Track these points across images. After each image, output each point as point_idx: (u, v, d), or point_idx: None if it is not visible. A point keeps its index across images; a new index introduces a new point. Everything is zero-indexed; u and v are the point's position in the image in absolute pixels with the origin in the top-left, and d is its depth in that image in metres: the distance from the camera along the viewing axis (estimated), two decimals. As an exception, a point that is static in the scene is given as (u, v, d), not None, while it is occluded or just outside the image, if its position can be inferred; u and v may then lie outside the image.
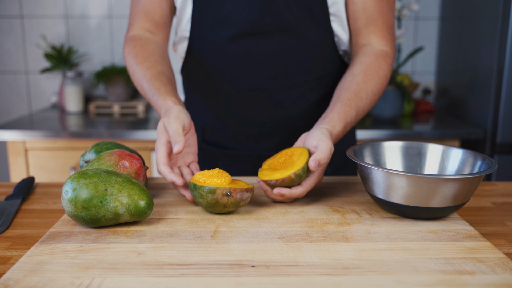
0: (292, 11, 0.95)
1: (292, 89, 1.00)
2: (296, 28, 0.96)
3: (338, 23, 0.98)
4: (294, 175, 0.74)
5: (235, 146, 1.06)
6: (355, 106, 0.89)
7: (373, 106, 0.95)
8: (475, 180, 0.69)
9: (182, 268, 0.57)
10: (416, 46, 2.32)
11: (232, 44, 0.97)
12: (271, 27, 0.95)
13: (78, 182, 0.66)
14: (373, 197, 0.74)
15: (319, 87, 1.03)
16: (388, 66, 0.96)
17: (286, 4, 0.94)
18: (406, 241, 0.65)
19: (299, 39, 0.96)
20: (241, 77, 0.99)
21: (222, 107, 1.03)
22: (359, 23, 0.97)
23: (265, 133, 1.04)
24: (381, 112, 1.99)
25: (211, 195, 0.71)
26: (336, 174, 1.10)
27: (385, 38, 0.98)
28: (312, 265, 0.57)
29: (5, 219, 0.75)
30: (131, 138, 1.78)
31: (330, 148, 0.78)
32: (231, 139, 1.06)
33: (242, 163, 1.06)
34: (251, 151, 1.05)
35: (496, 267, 0.57)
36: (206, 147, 1.09)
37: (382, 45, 0.97)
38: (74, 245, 0.63)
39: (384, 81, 0.95)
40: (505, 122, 1.74)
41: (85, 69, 2.34)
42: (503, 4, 1.69)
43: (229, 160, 1.07)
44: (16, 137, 1.76)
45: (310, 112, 1.03)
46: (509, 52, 1.68)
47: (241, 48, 0.97)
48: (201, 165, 1.09)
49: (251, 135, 1.04)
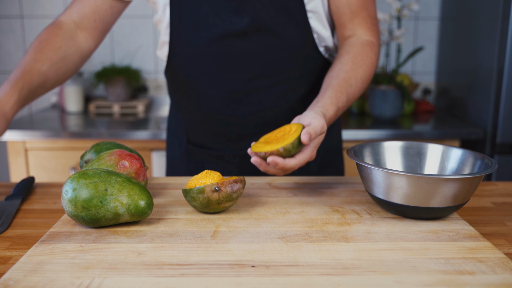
0: (269, 11, 0.95)
1: (273, 88, 1.01)
2: (274, 27, 0.96)
3: (316, 20, 0.98)
4: (282, 149, 0.75)
5: (219, 147, 1.07)
6: (345, 92, 0.90)
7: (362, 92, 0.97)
8: (475, 180, 0.69)
9: (182, 268, 0.57)
10: (416, 46, 2.32)
11: (211, 46, 0.97)
12: (248, 28, 0.95)
13: (78, 182, 0.66)
14: (373, 197, 0.74)
15: (301, 84, 1.03)
16: (374, 55, 0.97)
17: (262, 4, 0.94)
18: (406, 241, 0.65)
19: (277, 38, 0.97)
20: (221, 78, 1.00)
21: (205, 109, 1.04)
22: (344, 18, 0.99)
23: (248, 132, 1.04)
24: (381, 112, 1.99)
25: (201, 195, 0.71)
26: (322, 171, 1.10)
27: (370, 29, 0.99)
28: (312, 265, 0.57)
29: (5, 219, 0.75)
30: (131, 138, 1.78)
31: (323, 124, 0.79)
32: (215, 140, 1.07)
33: (227, 164, 1.07)
34: (236, 151, 1.06)
35: (496, 267, 0.57)
36: (191, 148, 1.11)
37: (367, 36, 0.99)
38: (74, 245, 0.63)
39: (372, 69, 0.97)
40: (505, 122, 1.74)
41: (85, 69, 2.34)
42: (503, 4, 1.69)
43: (214, 160, 1.08)
44: (16, 137, 1.76)
45: (292, 110, 1.04)
46: (509, 52, 1.68)
47: (219, 50, 0.97)
48: (187, 166, 1.10)
49: (235, 135, 1.05)
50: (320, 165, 1.10)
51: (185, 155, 1.11)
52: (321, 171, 1.11)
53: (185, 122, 1.10)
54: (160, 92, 2.37)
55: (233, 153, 1.06)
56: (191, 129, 1.10)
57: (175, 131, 1.15)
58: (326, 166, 1.11)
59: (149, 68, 2.35)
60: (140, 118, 2.06)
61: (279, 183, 0.91)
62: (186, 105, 1.07)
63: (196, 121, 1.07)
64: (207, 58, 0.99)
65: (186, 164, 1.12)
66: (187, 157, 1.11)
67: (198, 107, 1.05)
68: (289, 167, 0.77)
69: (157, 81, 2.36)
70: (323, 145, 1.08)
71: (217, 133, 1.06)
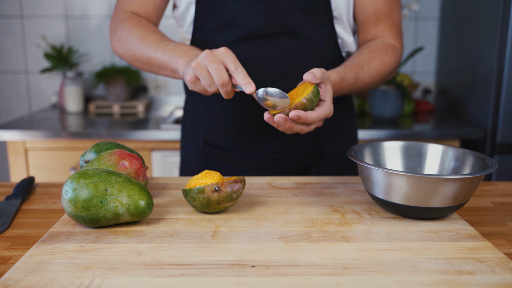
0: (296, 15, 0.95)
1: None
2: (301, 31, 0.96)
3: (341, 25, 0.99)
4: (305, 100, 0.74)
5: (237, 149, 1.06)
6: (355, 71, 0.90)
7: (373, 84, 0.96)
8: (475, 180, 0.69)
9: (182, 268, 0.57)
10: (416, 46, 2.32)
11: (235, 47, 0.96)
12: (275, 31, 0.95)
13: (78, 182, 0.66)
14: (373, 197, 0.74)
15: None
16: (395, 57, 0.97)
17: (290, 8, 0.94)
18: (406, 241, 0.65)
19: (304, 42, 0.97)
20: None
21: (225, 110, 1.03)
22: (369, 24, 1.00)
23: (268, 135, 1.03)
24: (381, 112, 1.99)
25: (201, 195, 0.71)
26: (338, 174, 1.10)
27: (394, 35, 1.00)
28: (312, 265, 0.57)
29: (5, 219, 0.75)
30: (131, 138, 1.78)
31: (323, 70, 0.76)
32: (233, 141, 1.05)
33: (245, 166, 1.06)
34: (254, 153, 1.05)
35: (496, 267, 0.57)
36: (208, 149, 1.08)
37: (390, 39, 0.99)
38: (74, 245, 0.63)
39: (388, 66, 0.96)
40: (505, 122, 1.74)
41: (85, 69, 2.34)
42: (503, 4, 1.69)
43: (231, 162, 1.06)
44: (16, 137, 1.76)
45: None
46: (509, 52, 1.68)
47: (244, 51, 0.96)
48: (203, 168, 1.09)
49: (254, 138, 1.04)
50: (336, 169, 1.09)
51: (201, 155, 1.09)
52: (338, 174, 1.10)
53: (203, 122, 1.08)
54: (160, 92, 2.37)
55: (252, 156, 1.05)
56: (209, 130, 1.07)
57: (191, 130, 1.12)
58: (342, 169, 1.10)
59: (149, 68, 2.35)
60: (140, 118, 2.05)
61: (279, 183, 0.91)
62: (206, 105, 1.06)
63: (216, 123, 1.05)
64: None
65: (201, 165, 1.10)
66: (203, 157, 1.09)
67: (218, 108, 1.04)
68: (311, 119, 0.74)
69: (157, 81, 2.36)
70: (340, 148, 1.07)
71: (237, 135, 1.04)
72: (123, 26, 0.97)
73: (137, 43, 0.93)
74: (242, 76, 0.74)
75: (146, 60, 0.93)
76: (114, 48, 1.00)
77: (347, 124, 1.11)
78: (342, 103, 1.09)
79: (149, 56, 0.92)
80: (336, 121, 1.08)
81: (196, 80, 0.80)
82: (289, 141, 1.04)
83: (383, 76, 0.97)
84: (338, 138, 1.09)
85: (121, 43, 0.97)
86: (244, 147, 1.05)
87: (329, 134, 1.07)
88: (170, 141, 1.79)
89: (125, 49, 0.96)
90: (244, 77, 0.74)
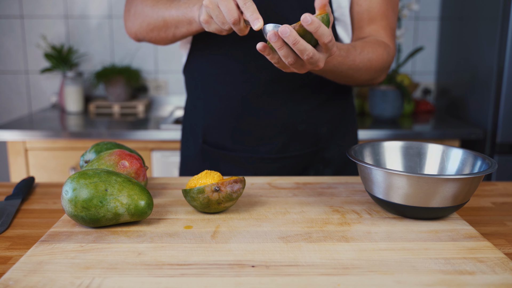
0: (296, 14, 0.95)
1: (294, 92, 1.00)
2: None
3: (342, 27, 0.99)
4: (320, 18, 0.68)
5: (236, 148, 1.06)
6: (346, 49, 0.88)
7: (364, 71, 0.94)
8: (475, 180, 0.69)
9: (182, 268, 0.57)
10: (416, 46, 2.32)
11: (235, 46, 0.96)
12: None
13: (78, 182, 0.66)
14: (373, 197, 0.74)
15: (321, 90, 1.03)
16: (387, 54, 0.97)
17: (290, 7, 0.94)
18: (406, 241, 0.65)
19: None
20: (243, 79, 0.99)
21: (224, 109, 1.03)
22: (363, 23, 0.99)
23: (266, 135, 1.03)
24: (381, 112, 1.99)
25: (201, 195, 0.71)
26: (338, 175, 1.09)
27: (388, 36, 0.99)
28: (312, 265, 0.57)
29: (5, 219, 0.75)
30: (131, 138, 1.78)
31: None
32: (232, 141, 1.05)
33: (243, 166, 1.06)
34: (252, 153, 1.05)
35: (496, 267, 0.57)
36: (206, 148, 1.08)
37: (383, 39, 0.99)
38: (74, 245, 0.63)
39: (380, 59, 0.95)
40: (505, 122, 1.74)
41: (85, 69, 2.34)
42: (503, 4, 1.69)
43: (230, 162, 1.06)
44: (16, 137, 1.76)
45: (312, 115, 1.03)
46: (509, 52, 1.68)
47: (244, 50, 0.97)
48: (201, 167, 1.09)
49: (253, 137, 1.04)
50: (335, 170, 1.09)
51: (200, 154, 1.09)
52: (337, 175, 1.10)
53: (202, 121, 1.08)
54: (160, 92, 2.37)
55: (250, 156, 1.05)
56: (208, 128, 1.07)
57: (190, 129, 1.12)
58: (341, 171, 1.10)
59: (149, 68, 2.35)
60: (140, 118, 2.05)
61: (279, 183, 0.91)
62: (205, 104, 1.06)
63: (214, 121, 1.05)
64: (230, 58, 0.98)
65: (201, 164, 1.10)
66: (202, 156, 1.09)
67: (217, 106, 1.04)
68: (321, 32, 0.67)
69: (157, 81, 2.36)
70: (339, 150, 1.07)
71: (235, 134, 1.04)
72: (135, 2, 1.00)
73: (150, 10, 0.95)
74: (251, 12, 0.72)
75: (161, 24, 0.94)
76: (129, 28, 1.01)
77: (347, 126, 1.11)
78: (342, 103, 1.09)
79: (164, 17, 0.93)
80: (336, 122, 1.08)
81: (210, 19, 0.80)
82: (286, 142, 1.04)
83: (374, 68, 0.95)
84: (338, 140, 1.09)
85: (135, 18, 0.99)
86: (241, 147, 1.05)
87: (329, 136, 1.07)
88: (170, 141, 1.80)
89: (140, 22, 0.98)
90: (252, 12, 0.72)
